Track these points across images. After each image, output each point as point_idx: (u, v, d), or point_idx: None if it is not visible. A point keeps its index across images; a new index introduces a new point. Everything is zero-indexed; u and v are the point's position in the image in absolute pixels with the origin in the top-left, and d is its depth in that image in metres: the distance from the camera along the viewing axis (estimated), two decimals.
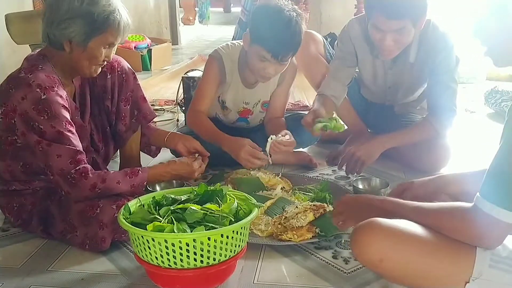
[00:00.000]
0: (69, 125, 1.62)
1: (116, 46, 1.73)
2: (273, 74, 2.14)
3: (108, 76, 1.87)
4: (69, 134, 1.61)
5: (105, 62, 1.73)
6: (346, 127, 2.15)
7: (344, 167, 2.20)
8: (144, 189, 1.71)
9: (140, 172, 1.71)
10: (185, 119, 3.03)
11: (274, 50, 2.02)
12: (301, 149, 2.46)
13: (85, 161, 1.63)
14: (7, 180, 1.73)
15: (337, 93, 2.32)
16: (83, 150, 1.80)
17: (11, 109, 1.60)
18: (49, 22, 1.64)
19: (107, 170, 1.78)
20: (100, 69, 1.75)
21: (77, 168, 1.59)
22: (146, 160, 2.23)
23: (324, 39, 2.63)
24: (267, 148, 2.03)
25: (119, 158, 2.25)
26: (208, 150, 2.02)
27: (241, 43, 2.21)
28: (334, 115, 2.22)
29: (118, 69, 1.90)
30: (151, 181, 1.77)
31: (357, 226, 1.22)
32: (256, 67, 2.11)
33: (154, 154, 2.18)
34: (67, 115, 1.63)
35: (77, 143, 1.63)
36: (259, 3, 3.27)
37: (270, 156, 2.05)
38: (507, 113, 1.06)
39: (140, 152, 2.12)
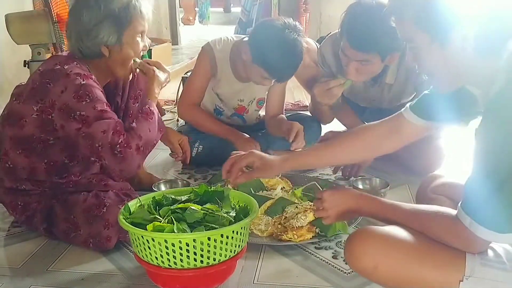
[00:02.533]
0: (107, 106, 1.63)
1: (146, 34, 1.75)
2: (269, 85, 2.20)
3: None
4: (109, 110, 1.62)
5: (143, 52, 1.75)
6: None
7: (339, 172, 2.22)
8: (162, 117, 1.77)
9: (149, 108, 1.71)
10: None
11: (276, 75, 2.06)
12: (301, 149, 2.46)
13: (123, 131, 1.61)
14: (20, 179, 1.71)
15: (334, 104, 2.31)
16: None
17: (49, 105, 1.60)
18: (78, 38, 1.65)
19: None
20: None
21: (120, 141, 1.57)
22: (148, 158, 2.23)
23: (318, 45, 2.63)
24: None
25: None
26: (210, 150, 2.17)
27: (234, 38, 2.25)
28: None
29: None
30: (154, 102, 1.77)
31: (349, 235, 1.23)
32: (254, 79, 2.16)
33: None
34: (104, 98, 1.64)
35: (115, 116, 1.63)
36: (258, 7, 3.27)
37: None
38: (475, 133, 1.06)
39: None
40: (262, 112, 2.51)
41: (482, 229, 1.02)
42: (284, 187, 2.00)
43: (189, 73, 3.04)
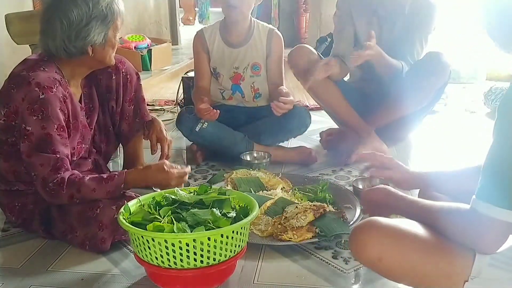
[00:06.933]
0: (61, 129, 1.61)
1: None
2: (234, 12, 2.29)
3: (113, 77, 1.88)
4: (57, 137, 1.59)
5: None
6: None
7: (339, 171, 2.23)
8: (121, 192, 1.65)
9: (116, 176, 1.64)
10: None
11: None
12: (301, 144, 2.50)
13: (66, 167, 1.60)
14: (11, 181, 1.72)
15: (346, 52, 2.47)
16: (86, 151, 1.78)
17: (13, 111, 1.60)
18: (65, 37, 1.63)
19: (91, 174, 1.70)
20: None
21: (55, 179, 1.57)
22: (148, 158, 2.23)
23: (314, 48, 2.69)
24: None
25: (119, 158, 2.25)
26: (214, 128, 2.29)
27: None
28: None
29: (123, 70, 1.91)
30: (129, 186, 1.67)
31: (355, 226, 1.23)
32: (223, 9, 2.32)
33: (146, 138, 2.09)
34: (61, 118, 1.61)
35: (62, 149, 1.60)
36: (258, 7, 3.32)
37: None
38: (497, 110, 1.05)
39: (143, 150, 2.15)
40: (259, 88, 2.49)
41: (501, 210, 1.00)
42: (284, 187, 2.00)
43: (189, 73, 3.05)
